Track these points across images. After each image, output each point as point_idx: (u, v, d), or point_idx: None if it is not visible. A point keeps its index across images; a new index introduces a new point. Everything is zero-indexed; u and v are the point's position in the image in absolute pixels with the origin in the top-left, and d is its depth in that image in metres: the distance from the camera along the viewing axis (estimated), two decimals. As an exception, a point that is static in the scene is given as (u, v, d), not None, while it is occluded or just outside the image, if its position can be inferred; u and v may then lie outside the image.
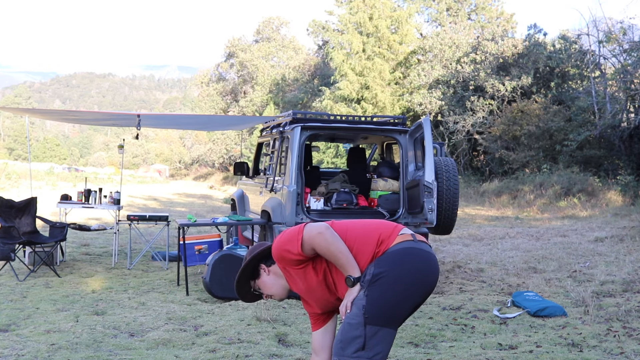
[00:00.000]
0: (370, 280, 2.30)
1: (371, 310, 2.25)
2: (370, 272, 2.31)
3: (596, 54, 19.65)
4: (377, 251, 2.37)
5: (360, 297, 2.28)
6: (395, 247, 2.36)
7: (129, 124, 8.66)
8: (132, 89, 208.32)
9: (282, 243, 2.41)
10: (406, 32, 29.06)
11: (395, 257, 2.34)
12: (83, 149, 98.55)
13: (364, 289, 2.30)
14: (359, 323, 2.24)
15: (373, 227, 2.44)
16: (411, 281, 2.31)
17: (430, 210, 5.50)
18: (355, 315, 2.26)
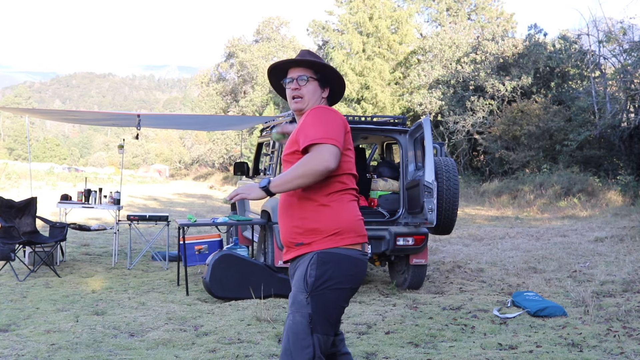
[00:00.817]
0: (313, 285, 2.17)
1: (317, 320, 2.16)
2: (312, 273, 2.17)
3: (596, 54, 19.65)
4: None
5: (302, 303, 2.16)
6: (339, 250, 2.22)
7: (129, 124, 8.66)
8: (132, 89, 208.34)
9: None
10: (406, 32, 29.07)
11: (340, 263, 2.21)
12: (83, 149, 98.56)
13: (305, 294, 2.17)
14: (305, 332, 2.14)
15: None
16: (353, 288, 2.26)
17: (430, 210, 5.50)
18: (300, 323, 2.15)
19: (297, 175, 2.14)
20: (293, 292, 2.25)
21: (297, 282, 2.23)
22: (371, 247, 5.86)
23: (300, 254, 2.26)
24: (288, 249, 2.34)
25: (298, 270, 2.26)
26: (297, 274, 2.25)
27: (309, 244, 2.23)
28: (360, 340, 4.32)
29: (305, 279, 2.18)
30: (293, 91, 2.37)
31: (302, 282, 2.19)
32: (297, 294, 2.21)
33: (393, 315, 5.05)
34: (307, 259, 2.22)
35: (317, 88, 2.40)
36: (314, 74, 2.39)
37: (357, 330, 4.59)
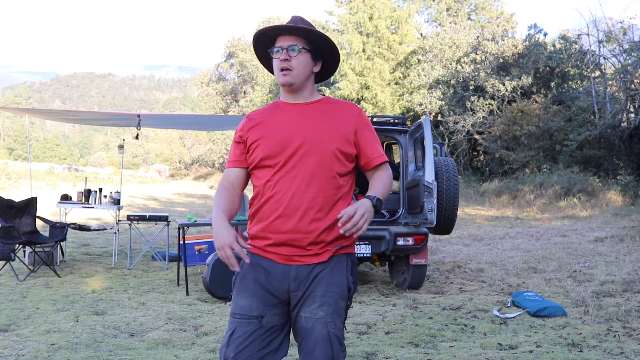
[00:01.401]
0: (354, 292, 2.15)
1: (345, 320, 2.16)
2: (352, 279, 2.13)
3: (596, 54, 19.66)
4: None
5: (342, 309, 2.09)
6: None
7: (129, 124, 8.66)
8: (132, 89, 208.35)
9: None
10: (406, 32, 29.08)
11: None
12: (83, 149, 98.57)
13: (347, 300, 2.11)
14: (343, 337, 2.12)
15: None
16: None
17: (430, 210, 5.50)
18: (340, 329, 2.09)
19: (387, 193, 2.11)
20: (332, 297, 2.06)
21: (335, 288, 2.07)
22: (371, 247, 5.86)
23: (331, 256, 2.08)
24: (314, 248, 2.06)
25: (332, 274, 2.07)
26: (334, 278, 2.07)
27: (347, 247, 2.13)
28: (360, 340, 4.32)
29: (347, 285, 2.09)
30: (282, 62, 2.08)
31: (345, 288, 2.08)
32: (338, 300, 2.07)
33: (393, 315, 5.05)
34: (343, 263, 2.10)
35: (309, 61, 2.12)
36: (306, 44, 2.11)
37: (357, 330, 4.59)
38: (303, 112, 2.12)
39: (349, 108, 2.16)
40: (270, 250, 2.08)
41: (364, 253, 5.85)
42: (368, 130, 2.16)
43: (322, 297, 2.04)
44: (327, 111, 2.13)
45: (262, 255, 2.11)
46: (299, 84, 2.11)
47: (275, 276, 2.07)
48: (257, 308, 2.08)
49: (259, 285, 2.08)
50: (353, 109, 2.17)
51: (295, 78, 2.09)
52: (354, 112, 2.15)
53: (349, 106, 2.17)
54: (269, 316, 2.10)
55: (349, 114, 2.14)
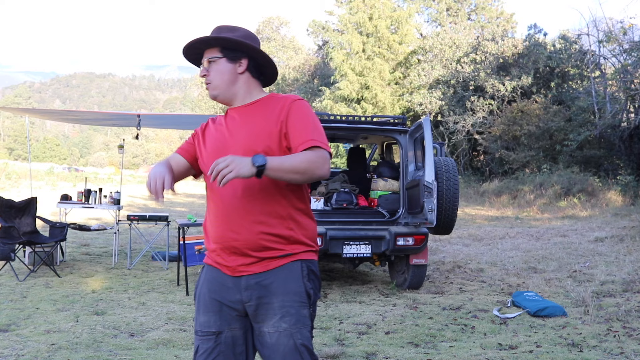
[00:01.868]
0: (313, 299, 2.04)
1: (312, 328, 2.06)
2: (310, 285, 2.02)
3: (596, 54, 19.66)
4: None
5: (307, 317, 2.00)
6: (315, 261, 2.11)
7: (129, 124, 8.67)
8: (132, 89, 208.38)
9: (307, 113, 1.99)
10: (406, 32, 29.08)
11: (318, 271, 2.11)
12: (83, 149, 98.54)
13: (309, 307, 2.01)
14: (311, 345, 2.02)
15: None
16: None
17: (430, 210, 5.50)
18: (308, 338, 2.00)
19: (298, 168, 1.85)
20: (292, 307, 1.98)
21: (292, 296, 1.98)
22: (371, 247, 5.86)
23: (278, 265, 1.98)
24: (257, 255, 1.97)
25: (286, 282, 1.98)
26: (290, 286, 1.98)
27: (299, 253, 2.01)
28: (360, 340, 4.32)
29: (306, 291, 2.00)
30: (203, 78, 2.08)
31: (303, 295, 1.99)
32: (299, 309, 1.98)
33: (393, 315, 5.05)
34: (297, 269, 2.00)
35: (226, 65, 2.04)
36: (219, 51, 2.04)
37: (357, 330, 4.59)
38: (240, 116, 2.06)
39: (283, 100, 2.03)
40: (218, 262, 2.03)
41: (364, 253, 5.85)
42: (299, 118, 1.97)
43: (281, 308, 1.96)
44: (262, 110, 2.03)
45: (214, 266, 2.05)
46: (223, 92, 2.05)
47: (227, 288, 2.01)
48: (214, 324, 2.03)
49: (215, 299, 2.03)
50: (287, 100, 2.03)
51: (216, 89, 2.05)
52: (287, 102, 2.01)
53: (284, 99, 2.04)
54: (228, 331, 2.03)
55: (281, 106, 2.00)
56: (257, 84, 2.10)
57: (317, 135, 1.95)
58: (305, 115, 1.99)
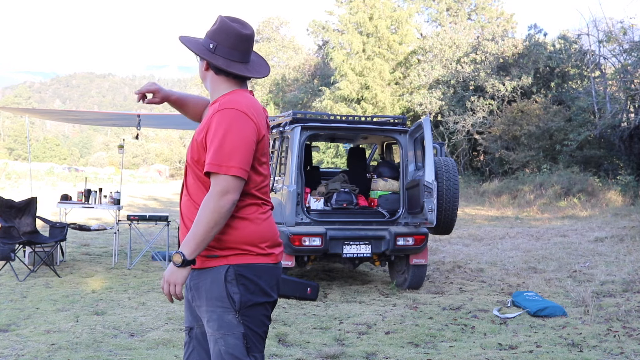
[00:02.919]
0: (242, 304, 1.94)
1: (252, 337, 1.96)
2: (235, 290, 1.94)
3: (596, 54, 19.66)
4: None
5: (233, 323, 1.93)
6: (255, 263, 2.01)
7: (129, 124, 8.67)
8: (132, 89, 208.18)
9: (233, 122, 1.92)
10: (406, 32, 29.07)
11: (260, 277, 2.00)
12: (83, 149, 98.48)
13: (234, 312, 1.93)
14: (242, 354, 1.93)
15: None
16: (273, 300, 2.08)
17: (430, 210, 5.50)
18: (234, 346, 1.92)
19: (209, 228, 1.86)
20: (214, 312, 1.95)
21: (214, 301, 1.95)
22: (371, 247, 5.86)
23: (207, 267, 1.97)
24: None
25: (211, 285, 1.95)
26: (213, 290, 1.95)
27: (227, 257, 1.96)
28: (360, 340, 4.32)
29: (228, 295, 1.93)
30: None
31: (225, 300, 1.93)
32: (222, 314, 1.94)
33: (393, 315, 5.04)
34: (221, 273, 1.95)
35: (199, 62, 2.13)
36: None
37: (357, 330, 4.59)
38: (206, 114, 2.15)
39: (212, 107, 2.03)
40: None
41: (364, 253, 5.85)
42: (211, 133, 1.93)
43: (206, 312, 1.97)
44: (209, 112, 2.06)
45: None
46: (208, 90, 2.15)
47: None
48: (187, 319, 2.14)
49: (186, 296, 2.11)
50: (214, 107, 2.00)
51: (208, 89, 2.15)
52: (212, 111, 1.99)
53: (214, 105, 2.03)
54: (197, 328, 2.10)
55: (209, 115, 2.00)
56: (223, 81, 2.08)
57: (219, 157, 1.89)
58: (216, 130, 1.92)
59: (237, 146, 1.91)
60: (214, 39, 2.07)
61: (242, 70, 2.07)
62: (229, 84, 2.07)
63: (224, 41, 2.05)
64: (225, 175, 1.88)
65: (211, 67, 2.07)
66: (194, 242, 1.87)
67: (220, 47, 2.05)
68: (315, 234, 5.68)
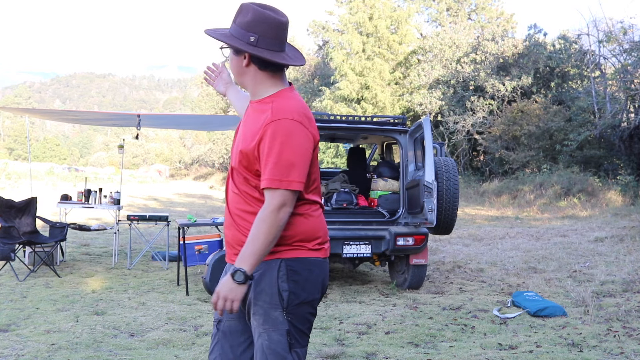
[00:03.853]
0: (289, 301, 1.93)
1: (295, 333, 1.95)
2: (286, 287, 1.93)
3: (596, 54, 19.67)
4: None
5: (279, 320, 1.92)
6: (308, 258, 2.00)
7: (129, 124, 8.66)
8: (132, 89, 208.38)
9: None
10: (406, 32, 29.08)
11: (312, 270, 1.99)
12: (83, 149, 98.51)
13: (281, 310, 1.92)
14: (285, 350, 1.93)
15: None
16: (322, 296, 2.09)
17: (430, 210, 5.50)
18: (278, 342, 1.92)
19: (268, 242, 1.85)
20: (261, 307, 1.94)
21: (263, 296, 1.94)
22: (371, 247, 5.86)
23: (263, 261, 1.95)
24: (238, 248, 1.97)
25: (260, 280, 1.94)
26: (262, 285, 1.94)
27: (281, 252, 1.95)
28: (360, 340, 4.32)
29: (278, 292, 1.93)
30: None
31: (275, 296, 1.93)
32: (269, 310, 1.93)
33: (393, 315, 5.05)
34: (274, 268, 1.94)
35: (233, 57, 2.01)
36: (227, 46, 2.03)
37: (357, 330, 4.59)
38: (248, 114, 2.04)
39: (266, 115, 1.90)
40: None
41: (364, 253, 5.85)
42: (267, 145, 1.86)
43: (254, 305, 1.95)
44: (257, 115, 1.96)
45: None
46: (240, 84, 2.08)
47: (225, 274, 2.03)
48: (216, 312, 2.02)
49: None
50: (268, 116, 1.89)
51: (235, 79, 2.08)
52: (266, 120, 1.88)
53: (268, 113, 1.91)
54: (226, 321, 2.07)
55: (262, 121, 1.90)
56: (267, 77, 1.98)
57: (278, 172, 1.85)
58: (271, 143, 1.86)
59: (295, 160, 1.86)
60: (253, 30, 1.93)
61: (287, 59, 1.98)
62: (273, 80, 1.98)
63: (266, 32, 1.93)
64: (284, 190, 1.86)
65: (255, 62, 1.95)
66: (254, 257, 1.84)
67: (263, 39, 1.93)
68: None
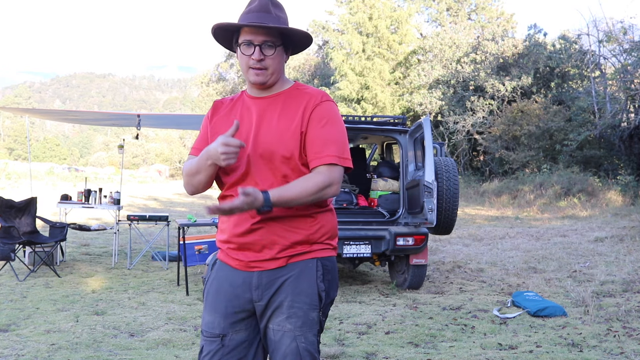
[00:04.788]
0: (325, 301, 1.92)
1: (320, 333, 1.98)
2: (323, 287, 1.91)
3: (596, 54, 19.67)
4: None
5: (315, 320, 1.90)
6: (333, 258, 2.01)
7: (129, 124, 8.67)
8: (132, 89, 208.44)
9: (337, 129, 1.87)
10: (406, 32, 29.10)
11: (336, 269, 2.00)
12: (83, 149, 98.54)
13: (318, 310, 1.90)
14: (316, 350, 1.94)
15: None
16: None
17: (430, 210, 5.50)
18: (312, 343, 1.91)
19: (306, 197, 1.79)
20: (300, 309, 1.88)
21: (303, 297, 1.88)
22: (371, 247, 5.86)
23: (297, 262, 1.90)
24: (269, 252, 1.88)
25: (298, 281, 1.89)
26: (301, 286, 1.88)
27: (316, 251, 1.92)
28: (360, 340, 4.32)
29: (318, 293, 1.89)
30: (257, 62, 1.85)
31: (315, 297, 1.89)
32: (308, 311, 1.88)
33: (393, 315, 5.05)
34: (312, 269, 1.90)
35: (281, 52, 1.90)
36: (279, 39, 1.88)
37: (357, 330, 4.59)
38: (268, 107, 1.91)
39: (309, 96, 1.89)
40: (231, 256, 1.93)
41: (364, 253, 5.85)
42: (323, 123, 1.86)
43: (289, 308, 1.87)
44: (289, 102, 1.90)
45: (225, 261, 1.96)
46: (275, 79, 1.92)
47: (237, 285, 1.91)
48: (218, 326, 1.93)
49: (222, 297, 1.93)
50: (313, 97, 1.89)
51: (269, 77, 1.89)
52: (313, 100, 1.88)
53: (311, 95, 1.90)
54: (232, 334, 1.93)
55: (306, 103, 1.88)
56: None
57: (337, 149, 1.85)
58: (329, 120, 1.87)
59: (345, 140, 1.90)
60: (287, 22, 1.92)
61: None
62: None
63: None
64: (341, 167, 1.84)
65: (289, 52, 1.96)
66: (286, 201, 1.77)
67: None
68: None
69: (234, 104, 2.00)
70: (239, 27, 1.87)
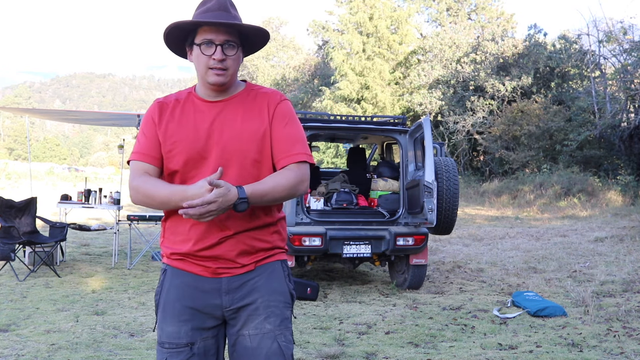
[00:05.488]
0: (294, 299, 1.97)
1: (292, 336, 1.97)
2: (292, 286, 1.95)
3: (596, 54, 19.67)
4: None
5: (289, 318, 1.90)
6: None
7: (129, 124, 8.67)
8: (132, 89, 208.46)
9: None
10: (406, 32, 29.10)
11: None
12: (83, 149, 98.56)
13: (291, 308, 1.92)
14: (292, 348, 1.90)
15: None
16: None
17: (430, 210, 5.50)
18: (290, 342, 1.89)
19: (280, 192, 1.77)
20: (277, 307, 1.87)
21: (277, 296, 1.87)
22: (371, 247, 5.86)
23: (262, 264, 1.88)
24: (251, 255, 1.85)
25: (270, 281, 1.87)
26: (274, 285, 1.88)
27: (280, 253, 1.94)
28: (360, 340, 4.32)
29: (289, 291, 1.93)
30: (219, 62, 1.77)
31: (287, 295, 1.91)
32: (284, 310, 1.88)
33: (393, 315, 5.05)
34: (279, 269, 1.92)
35: (239, 52, 1.84)
36: (238, 38, 1.82)
37: (357, 330, 4.59)
38: (226, 111, 1.84)
39: (268, 97, 1.88)
40: (195, 263, 1.83)
41: (364, 253, 5.85)
42: (286, 123, 1.85)
43: (266, 308, 1.83)
44: (249, 104, 1.86)
45: (185, 269, 1.85)
46: (230, 82, 1.86)
47: (204, 291, 1.83)
48: (185, 335, 1.83)
49: (185, 306, 1.83)
50: (271, 97, 1.88)
51: (229, 77, 1.82)
52: (272, 101, 1.87)
53: (268, 95, 1.89)
54: (200, 341, 1.84)
55: (267, 104, 1.86)
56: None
57: (303, 147, 1.86)
58: (290, 119, 1.87)
59: (305, 137, 1.92)
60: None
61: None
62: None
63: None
64: (308, 165, 1.86)
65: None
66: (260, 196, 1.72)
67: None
68: (315, 234, 5.68)
69: (183, 107, 1.88)
70: (200, 24, 1.78)
